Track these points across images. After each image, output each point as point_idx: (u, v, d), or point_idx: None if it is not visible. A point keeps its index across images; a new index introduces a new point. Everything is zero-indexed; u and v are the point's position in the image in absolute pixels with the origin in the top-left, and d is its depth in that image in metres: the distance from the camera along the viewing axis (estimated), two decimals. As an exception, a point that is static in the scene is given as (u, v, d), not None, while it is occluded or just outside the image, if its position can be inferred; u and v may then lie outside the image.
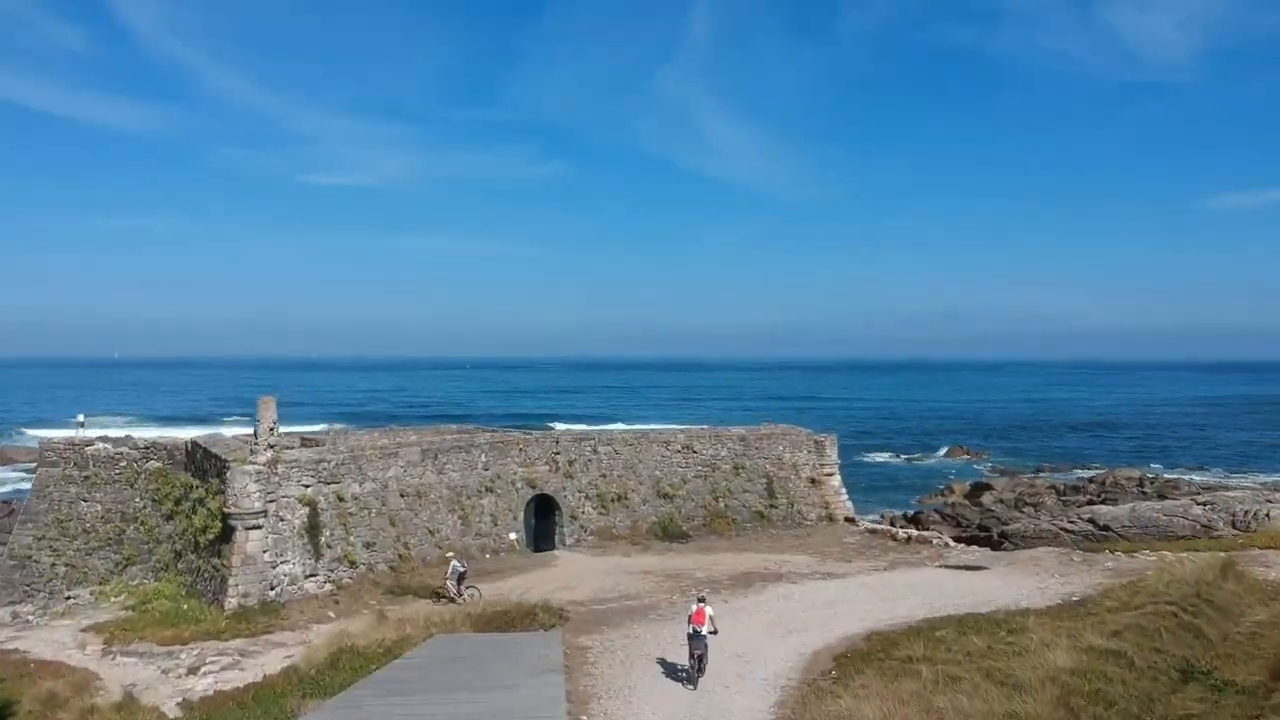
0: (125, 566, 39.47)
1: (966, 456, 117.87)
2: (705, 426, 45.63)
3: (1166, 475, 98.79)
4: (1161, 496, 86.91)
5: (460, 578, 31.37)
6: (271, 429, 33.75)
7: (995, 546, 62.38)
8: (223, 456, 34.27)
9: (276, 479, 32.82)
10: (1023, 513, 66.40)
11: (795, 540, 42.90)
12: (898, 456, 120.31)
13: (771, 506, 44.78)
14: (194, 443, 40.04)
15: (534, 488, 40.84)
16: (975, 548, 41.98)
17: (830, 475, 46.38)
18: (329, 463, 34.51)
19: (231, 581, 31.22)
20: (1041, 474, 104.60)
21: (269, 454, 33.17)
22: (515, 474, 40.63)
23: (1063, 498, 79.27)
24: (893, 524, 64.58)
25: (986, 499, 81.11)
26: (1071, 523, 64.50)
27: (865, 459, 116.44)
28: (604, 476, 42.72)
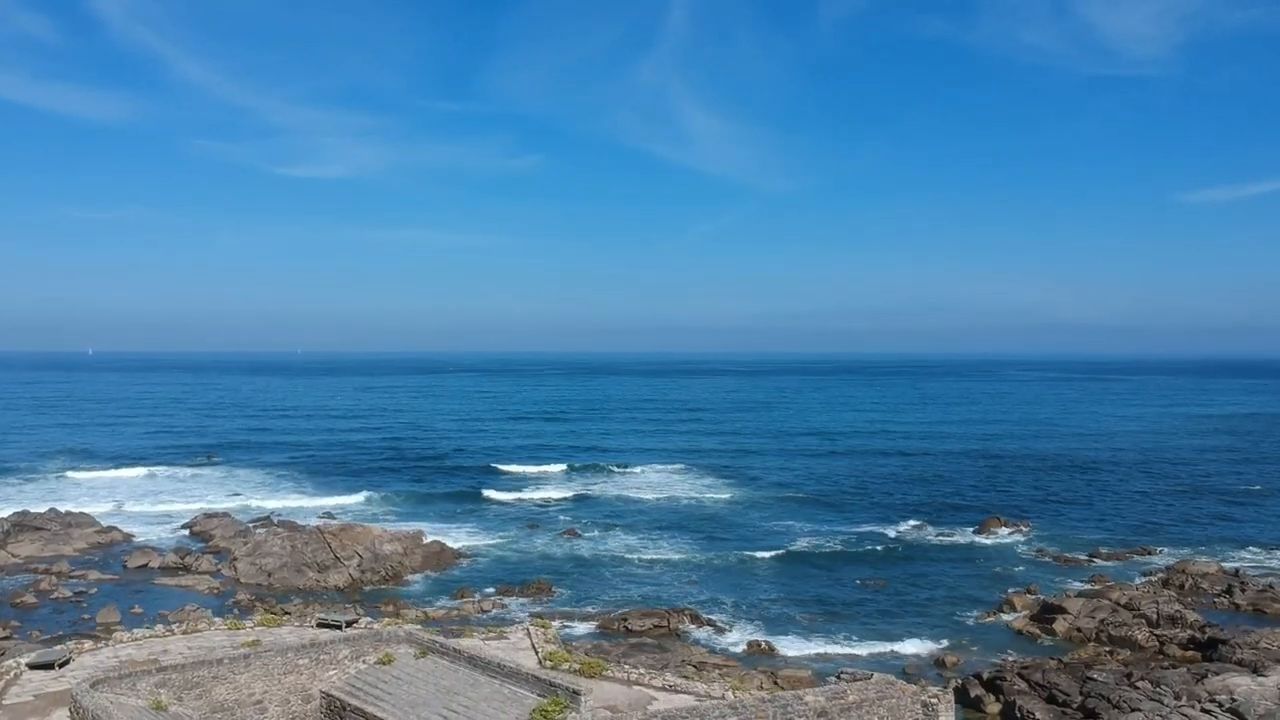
0: None
1: (1005, 529, 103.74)
2: (765, 697, 30.74)
3: (1248, 569, 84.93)
4: (1258, 610, 73.65)
5: None
6: None
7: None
8: None
9: None
10: (1136, 688, 51.77)
11: None
12: (924, 528, 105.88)
13: (860, 813, 30.00)
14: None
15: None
16: None
17: (941, 752, 31.63)
18: None
19: None
20: (1098, 561, 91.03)
21: None
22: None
23: (1156, 631, 65.02)
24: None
25: (1062, 627, 67.05)
26: (1206, 711, 50.41)
27: (889, 533, 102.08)
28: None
